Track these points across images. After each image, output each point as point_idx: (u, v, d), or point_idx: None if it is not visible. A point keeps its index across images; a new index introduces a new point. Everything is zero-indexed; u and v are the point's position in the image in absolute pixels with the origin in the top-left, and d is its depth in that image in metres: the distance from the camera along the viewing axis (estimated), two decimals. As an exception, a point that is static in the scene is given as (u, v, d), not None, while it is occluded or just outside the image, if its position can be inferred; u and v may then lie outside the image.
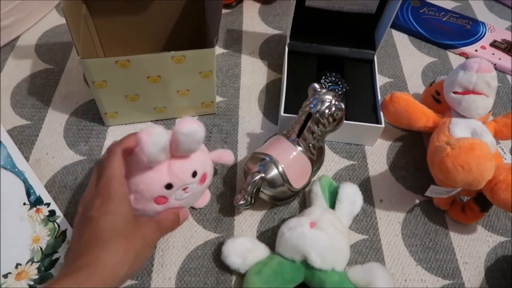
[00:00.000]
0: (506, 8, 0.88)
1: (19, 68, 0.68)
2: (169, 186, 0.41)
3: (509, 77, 0.74)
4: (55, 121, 0.62)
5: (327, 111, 0.48)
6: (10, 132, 0.60)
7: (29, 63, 0.69)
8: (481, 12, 0.87)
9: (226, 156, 0.52)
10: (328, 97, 0.49)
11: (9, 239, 0.49)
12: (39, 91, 0.66)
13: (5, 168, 0.54)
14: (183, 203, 0.44)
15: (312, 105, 0.49)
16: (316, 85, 0.50)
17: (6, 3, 0.67)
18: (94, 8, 0.61)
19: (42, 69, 0.69)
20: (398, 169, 0.60)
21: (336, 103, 0.49)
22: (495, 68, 0.75)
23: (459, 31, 0.79)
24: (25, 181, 0.54)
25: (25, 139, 0.60)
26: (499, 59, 0.75)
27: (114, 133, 0.61)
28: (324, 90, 0.50)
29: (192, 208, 0.54)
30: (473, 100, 0.54)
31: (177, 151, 0.40)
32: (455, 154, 0.45)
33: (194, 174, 0.42)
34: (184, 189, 0.42)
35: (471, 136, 0.53)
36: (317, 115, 0.49)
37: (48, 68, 0.69)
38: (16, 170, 0.54)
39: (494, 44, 0.77)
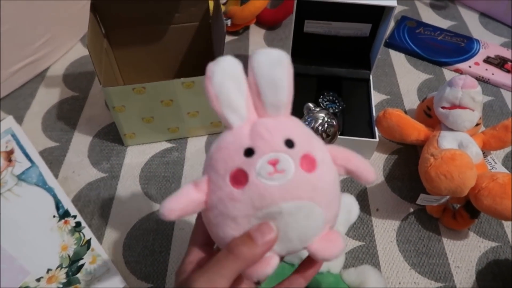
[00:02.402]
0: (501, 25, 0.92)
1: (49, 96, 0.76)
2: (249, 152, 0.29)
3: (502, 91, 0.78)
4: (80, 142, 0.69)
5: (320, 127, 0.54)
6: (41, 153, 0.67)
7: (57, 91, 0.77)
8: (476, 29, 0.91)
9: (366, 170, 0.33)
10: (321, 115, 0.54)
11: (41, 247, 0.55)
12: (66, 116, 0.73)
13: (37, 185, 0.61)
14: (277, 193, 0.28)
15: (306, 123, 0.54)
16: (310, 105, 0.56)
17: (37, 38, 0.76)
18: (114, 42, 0.69)
19: (69, 96, 0.77)
20: (393, 180, 0.64)
21: (329, 120, 0.54)
22: (488, 83, 0.79)
23: (453, 49, 0.84)
24: (54, 196, 0.60)
25: (54, 159, 0.67)
26: (492, 74, 0.79)
27: (132, 152, 0.68)
28: (318, 109, 0.55)
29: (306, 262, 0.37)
30: (459, 114, 0.58)
31: (259, 94, 0.30)
32: (438, 164, 0.50)
33: (289, 143, 0.30)
34: (273, 162, 0.29)
35: (457, 147, 0.57)
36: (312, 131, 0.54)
37: (74, 95, 0.77)
38: (47, 186, 0.61)
39: (487, 60, 0.81)
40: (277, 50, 0.30)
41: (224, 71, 0.30)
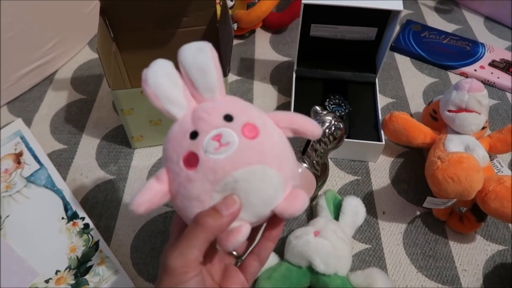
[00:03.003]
0: (506, 29, 0.92)
1: (57, 99, 0.77)
2: (194, 135, 0.32)
3: (508, 94, 0.78)
4: (88, 145, 0.70)
5: (327, 130, 0.54)
6: (50, 155, 0.67)
7: (65, 94, 0.78)
8: (481, 33, 0.91)
9: (309, 125, 0.36)
10: (328, 118, 0.55)
11: (50, 249, 0.55)
12: (74, 118, 0.74)
13: (46, 187, 0.62)
14: (226, 164, 0.31)
15: (314, 126, 0.55)
16: (317, 108, 0.56)
17: (46, 42, 0.77)
18: (122, 45, 0.69)
19: (77, 99, 0.77)
20: (400, 183, 0.65)
21: (336, 123, 0.54)
22: (494, 86, 0.79)
23: (459, 53, 0.84)
24: (63, 198, 0.61)
25: (62, 161, 0.67)
26: (498, 77, 0.79)
27: (140, 155, 0.68)
28: (325, 112, 0.56)
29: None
30: (465, 117, 0.59)
31: (192, 83, 0.33)
32: (445, 167, 0.50)
33: (228, 118, 0.32)
34: (217, 138, 0.31)
35: (464, 151, 0.57)
36: (319, 134, 0.54)
37: (82, 98, 0.77)
38: (56, 188, 0.62)
39: (493, 64, 0.81)
40: (199, 41, 0.33)
41: (157, 71, 0.33)
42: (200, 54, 0.33)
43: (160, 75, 0.33)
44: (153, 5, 0.65)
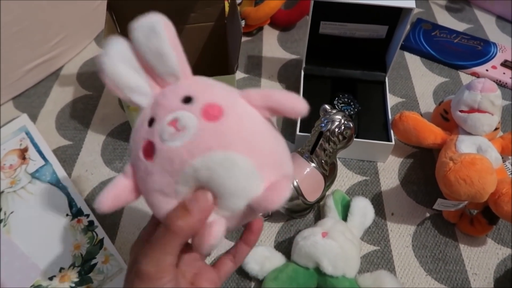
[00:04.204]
0: (519, 29, 0.91)
1: (63, 95, 0.77)
2: (151, 122, 0.29)
3: (520, 95, 0.77)
4: (94, 141, 0.69)
5: (337, 129, 0.53)
6: (55, 151, 0.67)
7: (71, 89, 0.78)
8: (493, 33, 0.90)
9: (291, 100, 0.30)
10: (338, 117, 0.53)
11: (54, 246, 0.55)
12: (80, 114, 0.73)
13: (51, 183, 0.61)
14: (183, 152, 0.27)
15: (323, 125, 0.54)
16: (327, 106, 0.55)
17: (52, 37, 0.76)
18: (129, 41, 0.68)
19: (82, 95, 0.77)
20: (409, 184, 0.63)
21: (346, 122, 0.53)
22: (506, 87, 0.77)
23: (470, 52, 0.82)
24: (67, 195, 0.60)
25: (67, 157, 0.67)
26: (510, 78, 0.77)
27: (145, 152, 0.67)
28: (334, 111, 0.54)
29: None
30: (478, 118, 0.57)
31: (151, 67, 0.30)
32: (457, 169, 0.48)
33: (187, 100, 0.29)
34: (173, 123, 0.28)
35: (476, 152, 0.56)
36: (328, 133, 0.53)
37: (88, 94, 0.77)
38: (60, 185, 0.61)
39: (505, 64, 0.80)
40: (152, 16, 0.29)
41: (113, 56, 0.29)
42: (153, 37, 0.29)
43: (117, 62, 0.29)
44: (160, 0, 0.64)
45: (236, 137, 0.28)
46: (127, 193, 0.30)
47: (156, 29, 0.29)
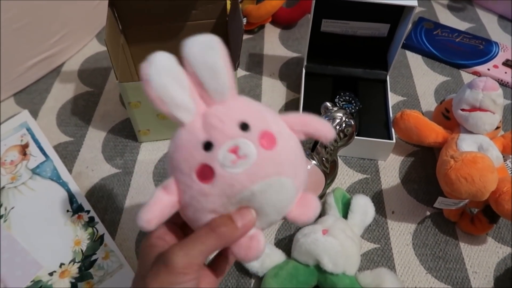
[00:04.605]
0: (521, 28, 0.91)
1: (64, 91, 0.77)
2: (208, 146, 0.29)
3: (522, 94, 0.77)
4: (95, 137, 0.69)
5: (338, 127, 0.53)
6: (56, 147, 0.67)
7: (72, 86, 0.78)
8: (495, 32, 0.90)
9: (324, 129, 0.34)
10: (339, 115, 0.53)
11: (54, 241, 0.55)
12: (81, 111, 0.73)
13: (52, 179, 0.61)
14: (244, 178, 0.29)
15: (324, 122, 0.53)
16: (328, 104, 0.55)
17: (53, 34, 0.76)
18: (130, 38, 0.69)
19: (83, 91, 0.77)
20: (410, 183, 0.63)
21: (347, 119, 0.53)
22: (507, 86, 0.77)
23: (471, 51, 0.82)
24: (68, 191, 0.60)
25: (68, 154, 0.67)
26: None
27: (146, 149, 0.67)
28: (335, 108, 0.54)
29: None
30: (479, 116, 0.57)
31: (200, 83, 0.30)
32: (458, 167, 0.48)
33: (244, 127, 0.30)
34: (234, 151, 0.29)
35: (477, 150, 0.56)
36: (329, 131, 0.53)
37: (89, 90, 0.77)
38: (61, 181, 0.61)
39: (506, 63, 0.80)
40: (207, 35, 0.30)
41: (160, 70, 0.29)
42: (210, 52, 0.30)
43: (164, 75, 0.29)
44: (162, -3, 0.64)
45: (286, 163, 0.31)
46: (170, 208, 0.31)
47: (213, 45, 0.30)
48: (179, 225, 0.35)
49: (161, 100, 0.29)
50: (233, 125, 0.30)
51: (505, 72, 0.78)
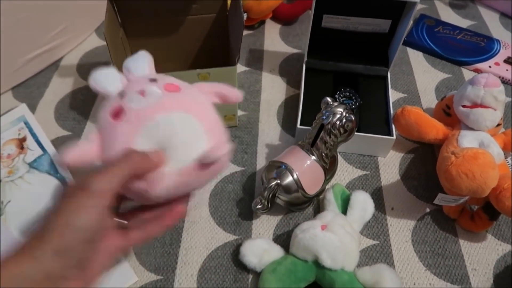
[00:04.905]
0: (522, 26, 0.90)
1: (63, 85, 0.76)
2: (122, 94, 0.37)
3: (523, 92, 0.76)
4: (93, 132, 0.68)
5: (338, 122, 0.53)
6: (54, 142, 0.67)
7: (71, 80, 0.77)
8: (496, 29, 0.89)
9: (232, 90, 0.44)
10: (340, 110, 0.53)
11: (51, 235, 0.54)
12: (79, 105, 0.73)
13: (49, 173, 0.61)
14: (148, 109, 0.35)
15: (324, 117, 0.53)
16: (329, 99, 0.54)
17: (53, 28, 0.76)
18: (130, 32, 0.68)
19: (82, 86, 0.76)
20: (409, 179, 0.63)
21: (347, 115, 0.53)
22: (508, 83, 0.77)
23: (473, 48, 0.82)
24: (65, 185, 0.60)
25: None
26: (513, 74, 0.77)
27: (144, 143, 0.67)
28: (336, 103, 0.54)
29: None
30: (480, 113, 0.57)
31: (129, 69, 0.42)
32: (459, 163, 0.48)
33: (152, 80, 0.38)
34: (141, 93, 0.36)
35: (478, 147, 0.56)
36: (329, 126, 0.53)
37: (88, 85, 0.76)
38: (58, 175, 0.61)
39: (508, 61, 0.79)
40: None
41: (101, 73, 0.40)
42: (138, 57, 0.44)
43: (104, 73, 0.41)
44: (162, -10, 0.64)
45: (191, 105, 0.37)
46: (91, 154, 0.36)
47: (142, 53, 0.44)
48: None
49: (98, 85, 0.40)
50: (144, 79, 0.38)
51: (507, 70, 0.78)
